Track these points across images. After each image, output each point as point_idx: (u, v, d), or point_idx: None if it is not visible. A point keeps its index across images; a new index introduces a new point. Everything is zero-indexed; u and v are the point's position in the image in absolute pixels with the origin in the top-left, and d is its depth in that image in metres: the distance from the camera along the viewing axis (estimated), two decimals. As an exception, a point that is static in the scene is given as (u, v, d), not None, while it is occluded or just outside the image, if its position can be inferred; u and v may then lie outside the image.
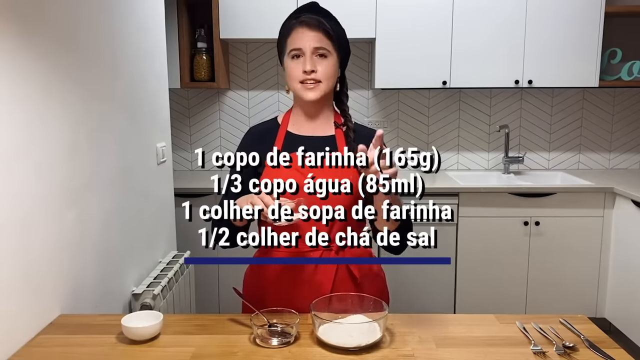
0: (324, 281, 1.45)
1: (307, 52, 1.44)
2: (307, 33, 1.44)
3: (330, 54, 1.46)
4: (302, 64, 1.44)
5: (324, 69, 1.45)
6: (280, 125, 1.55)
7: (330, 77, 1.47)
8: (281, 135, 1.52)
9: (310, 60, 1.43)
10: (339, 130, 1.52)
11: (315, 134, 1.52)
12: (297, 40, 1.45)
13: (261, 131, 1.57)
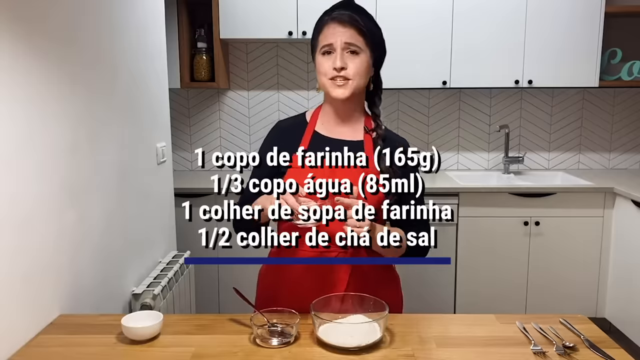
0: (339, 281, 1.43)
1: (338, 48, 1.40)
2: (338, 29, 1.41)
3: (362, 51, 1.41)
4: (332, 60, 1.41)
5: (355, 66, 1.40)
6: (308, 123, 1.52)
7: (361, 75, 1.42)
8: (308, 135, 1.49)
9: (340, 56, 1.39)
10: (368, 136, 1.48)
11: (344, 137, 1.48)
12: (328, 36, 1.41)
13: (288, 127, 1.53)
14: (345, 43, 1.40)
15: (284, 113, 3.61)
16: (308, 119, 1.53)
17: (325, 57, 1.42)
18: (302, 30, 3.17)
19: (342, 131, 1.49)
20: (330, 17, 1.44)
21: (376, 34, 1.46)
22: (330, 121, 1.50)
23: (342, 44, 1.40)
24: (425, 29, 3.20)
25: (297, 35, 3.19)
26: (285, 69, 3.58)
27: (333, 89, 1.42)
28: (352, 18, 1.41)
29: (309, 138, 1.48)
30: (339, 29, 1.41)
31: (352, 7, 1.46)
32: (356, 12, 1.43)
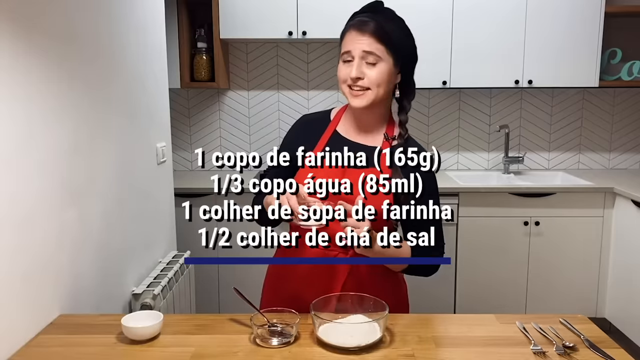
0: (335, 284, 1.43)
1: (356, 57, 1.36)
2: (357, 37, 1.37)
3: (381, 59, 1.36)
4: (351, 68, 1.37)
5: (373, 75, 1.36)
6: (331, 122, 1.50)
7: (380, 85, 1.37)
8: (328, 133, 1.48)
9: (357, 66, 1.36)
10: (387, 143, 1.45)
11: (363, 141, 1.46)
12: (348, 44, 1.38)
13: (311, 123, 1.52)
14: (363, 52, 1.36)
15: (283, 113, 3.61)
16: (332, 117, 1.52)
17: (345, 64, 1.40)
18: (302, 30, 3.17)
19: (362, 135, 1.47)
20: (352, 23, 1.41)
21: (402, 40, 1.40)
22: (352, 124, 1.48)
23: (361, 53, 1.36)
24: (425, 29, 3.20)
25: (297, 35, 3.19)
26: (285, 69, 3.58)
27: (351, 98, 1.40)
28: (371, 25, 1.36)
29: (328, 137, 1.47)
30: (357, 37, 1.37)
31: (379, 11, 1.41)
32: (381, 17, 1.38)
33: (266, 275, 1.61)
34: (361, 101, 1.39)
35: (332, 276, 1.44)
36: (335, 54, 3.53)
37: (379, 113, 1.47)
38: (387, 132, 1.47)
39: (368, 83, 1.37)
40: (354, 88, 1.38)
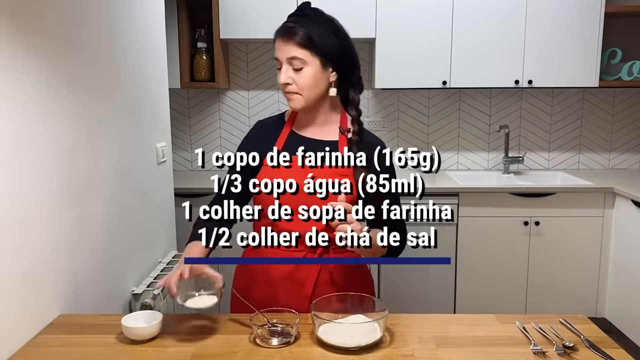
0: (306, 281, 1.45)
1: (283, 63, 1.41)
2: (282, 44, 1.41)
3: (307, 63, 1.39)
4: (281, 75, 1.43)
5: (300, 80, 1.40)
6: (286, 122, 1.53)
7: (310, 88, 1.41)
8: (284, 134, 1.51)
9: (285, 71, 1.41)
10: (343, 137, 1.48)
11: (319, 137, 1.49)
12: (276, 51, 1.43)
13: (268, 125, 1.55)
14: (288, 59, 1.40)
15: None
16: (286, 118, 1.55)
17: (279, 71, 1.44)
18: (302, 30, 3.17)
19: (317, 131, 1.50)
20: (277, 30, 1.44)
21: (327, 41, 1.41)
22: (306, 121, 1.51)
23: (286, 60, 1.40)
24: (425, 29, 3.20)
25: (297, 35, 3.18)
26: (285, 69, 3.57)
27: (288, 101, 1.45)
28: (290, 31, 1.39)
29: (286, 137, 1.50)
30: (281, 44, 1.41)
31: (306, 14, 1.43)
32: (306, 21, 1.40)
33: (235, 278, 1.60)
34: (295, 104, 1.44)
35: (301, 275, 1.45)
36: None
37: (325, 111, 1.50)
38: (341, 126, 1.49)
39: (297, 88, 1.42)
40: (286, 92, 1.43)
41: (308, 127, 1.51)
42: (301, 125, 1.52)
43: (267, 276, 1.48)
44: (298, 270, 1.46)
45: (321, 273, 1.46)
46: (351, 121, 1.47)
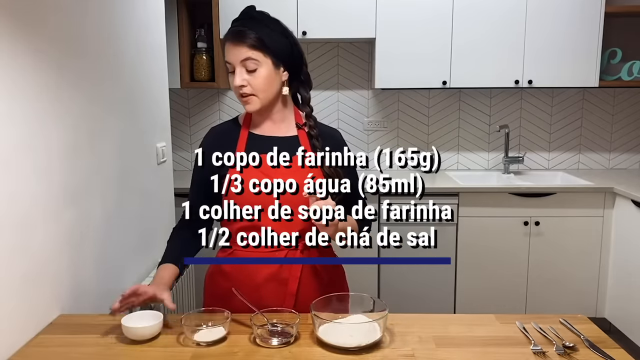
0: (290, 280, 1.45)
1: (236, 66, 1.42)
2: (231, 48, 1.42)
3: (260, 64, 1.41)
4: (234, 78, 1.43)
5: (255, 82, 1.41)
6: (242, 125, 1.53)
7: (265, 89, 1.43)
8: (243, 136, 1.51)
9: (239, 75, 1.41)
10: (302, 131, 1.51)
11: (278, 134, 1.51)
12: (228, 55, 1.43)
13: (223, 131, 1.55)
14: (241, 62, 1.41)
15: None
16: (241, 122, 1.55)
17: (231, 75, 1.45)
18: (302, 30, 3.17)
19: (275, 129, 1.51)
20: (227, 34, 1.44)
21: (277, 41, 1.43)
22: (262, 121, 1.52)
23: (239, 62, 1.41)
24: (425, 29, 3.21)
25: (297, 35, 3.16)
26: (285, 69, 3.57)
27: (244, 105, 1.46)
28: (241, 34, 1.40)
29: (245, 139, 1.50)
30: (232, 48, 1.42)
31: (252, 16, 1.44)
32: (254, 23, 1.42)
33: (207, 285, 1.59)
34: (252, 106, 1.45)
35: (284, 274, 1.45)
36: (335, 53, 3.53)
37: (279, 109, 1.51)
38: (297, 121, 1.52)
39: (252, 90, 1.43)
40: (242, 96, 1.44)
41: (264, 127, 1.52)
42: (257, 125, 1.52)
43: (250, 279, 1.46)
44: (282, 270, 1.45)
45: (304, 268, 1.46)
46: (305, 116, 1.51)
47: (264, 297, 1.42)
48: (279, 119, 1.51)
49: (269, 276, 1.45)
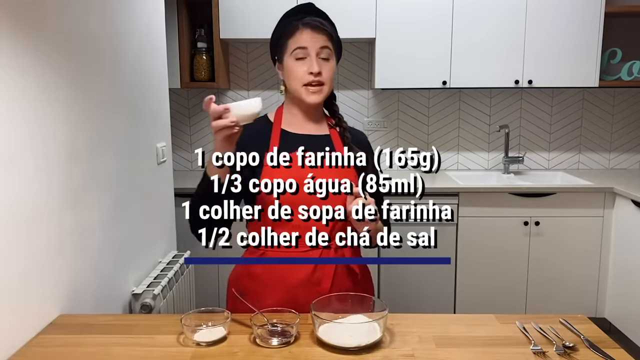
0: (324, 279, 1.45)
1: (313, 53, 1.43)
2: (313, 35, 1.43)
3: (332, 57, 1.46)
4: (308, 65, 1.42)
5: (327, 71, 1.45)
6: (274, 123, 1.53)
7: (331, 81, 1.48)
8: (276, 133, 1.51)
9: (316, 61, 1.42)
10: (333, 130, 1.53)
11: (310, 132, 1.52)
12: (303, 41, 1.43)
13: (255, 129, 1.53)
14: (320, 48, 1.43)
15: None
16: (272, 119, 1.55)
17: (299, 62, 1.44)
18: (302, 30, 3.17)
19: (308, 127, 1.52)
20: (302, 22, 1.45)
21: (339, 40, 1.51)
22: (296, 120, 1.53)
23: (317, 50, 1.43)
24: (426, 29, 3.21)
25: (297, 35, 3.18)
26: (285, 69, 3.58)
27: (307, 94, 1.45)
28: (324, 25, 1.45)
29: (278, 136, 1.50)
30: (314, 35, 1.43)
31: (317, 12, 1.49)
32: (324, 18, 1.48)
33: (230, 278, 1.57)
34: (318, 97, 1.45)
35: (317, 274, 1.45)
36: (335, 54, 3.52)
37: (321, 105, 1.53)
38: (328, 121, 1.55)
39: (324, 79, 1.44)
40: (313, 84, 1.44)
41: (298, 125, 1.52)
42: (291, 123, 1.53)
43: (283, 281, 1.45)
44: (316, 270, 1.45)
45: (338, 267, 1.46)
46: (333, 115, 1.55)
47: (297, 298, 1.41)
48: (314, 119, 1.52)
49: (304, 278, 1.44)
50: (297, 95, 1.48)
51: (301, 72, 1.43)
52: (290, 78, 1.46)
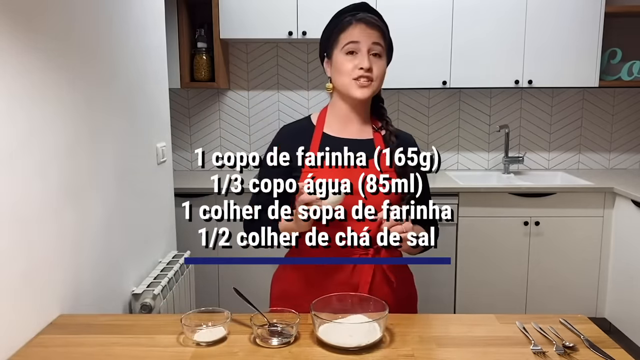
0: (361, 283, 1.43)
1: (364, 48, 1.40)
2: (366, 30, 1.41)
3: (383, 54, 1.44)
4: (359, 60, 1.40)
5: (378, 68, 1.42)
6: (316, 126, 1.50)
7: (381, 78, 1.44)
8: (317, 136, 1.48)
9: (367, 57, 1.40)
10: (378, 134, 1.49)
11: (353, 136, 1.47)
12: (355, 35, 1.41)
13: (295, 130, 1.52)
14: (372, 44, 1.41)
15: (284, 113, 3.61)
16: (314, 121, 1.52)
17: (349, 57, 1.41)
18: (302, 30, 3.17)
19: (350, 131, 1.49)
20: (355, 18, 1.42)
21: (391, 41, 1.49)
22: (339, 122, 1.49)
23: (369, 46, 1.40)
24: (425, 29, 3.21)
25: (297, 35, 3.19)
26: (285, 69, 3.58)
27: (355, 89, 1.41)
28: (377, 21, 1.43)
29: (319, 139, 1.47)
30: (367, 30, 1.41)
31: (372, 11, 1.47)
32: (378, 17, 1.47)
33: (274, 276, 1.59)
34: (366, 92, 1.42)
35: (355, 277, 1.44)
36: (335, 54, 3.52)
37: (367, 107, 1.51)
38: (374, 124, 1.51)
39: (374, 75, 1.41)
40: (362, 79, 1.40)
41: (341, 128, 1.49)
42: (333, 126, 1.49)
43: (322, 281, 1.44)
44: (353, 275, 1.44)
45: (376, 275, 1.45)
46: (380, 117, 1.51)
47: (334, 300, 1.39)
48: (358, 120, 1.49)
49: (341, 281, 1.43)
50: (344, 91, 1.44)
51: (351, 66, 1.40)
52: (339, 72, 1.42)
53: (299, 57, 3.56)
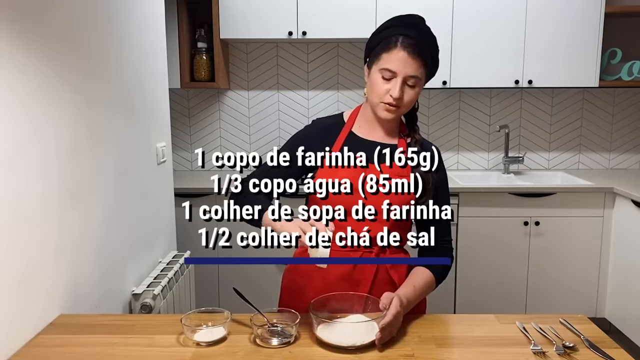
0: (362, 281, 1.44)
1: (400, 79, 1.38)
2: (407, 60, 1.38)
3: (420, 82, 1.42)
4: (392, 87, 1.38)
5: (410, 98, 1.41)
6: (346, 123, 1.52)
7: (410, 105, 1.44)
8: (344, 134, 1.49)
9: (400, 87, 1.38)
10: (403, 140, 1.49)
11: (379, 139, 1.48)
12: (394, 62, 1.38)
13: (326, 126, 1.53)
14: (408, 76, 1.39)
15: (283, 113, 3.61)
16: (346, 119, 1.53)
17: (384, 81, 1.40)
18: (302, 31, 3.17)
19: (377, 134, 1.49)
20: (401, 41, 1.39)
21: (436, 59, 1.49)
22: (368, 124, 1.50)
23: (405, 76, 1.38)
24: (425, 29, 3.20)
25: (297, 35, 3.19)
26: (285, 69, 3.58)
27: (381, 110, 1.42)
28: (422, 50, 1.41)
29: (344, 137, 1.49)
30: (407, 60, 1.38)
31: (421, 29, 1.45)
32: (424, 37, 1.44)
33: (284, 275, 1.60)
34: (391, 115, 1.43)
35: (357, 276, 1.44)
36: (335, 53, 3.53)
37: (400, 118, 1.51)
38: (401, 131, 1.52)
39: (403, 103, 1.41)
40: (390, 105, 1.40)
41: (369, 130, 1.50)
42: (362, 126, 1.50)
43: (323, 277, 1.45)
44: (355, 271, 1.44)
45: (378, 273, 1.45)
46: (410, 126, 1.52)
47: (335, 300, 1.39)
48: (388, 125, 1.49)
49: (342, 276, 1.44)
50: (372, 106, 1.45)
51: (383, 90, 1.39)
52: (372, 89, 1.43)
53: (299, 57, 3.56)
